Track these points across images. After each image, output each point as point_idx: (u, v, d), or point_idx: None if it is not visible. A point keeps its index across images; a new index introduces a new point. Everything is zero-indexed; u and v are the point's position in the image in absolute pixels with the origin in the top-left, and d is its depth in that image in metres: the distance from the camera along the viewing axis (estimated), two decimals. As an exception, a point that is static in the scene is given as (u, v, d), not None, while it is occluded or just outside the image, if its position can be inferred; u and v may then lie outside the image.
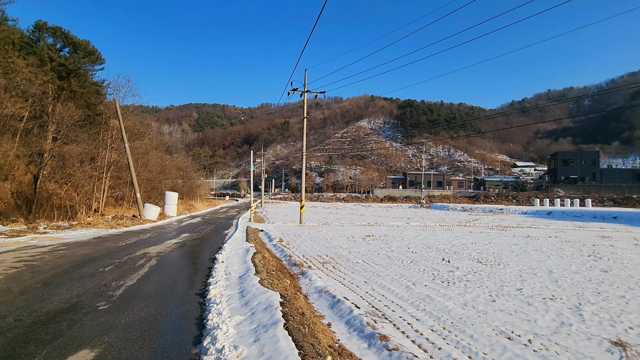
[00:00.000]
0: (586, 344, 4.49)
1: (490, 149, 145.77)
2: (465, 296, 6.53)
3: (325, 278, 7.76)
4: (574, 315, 5.56)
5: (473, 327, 5.03)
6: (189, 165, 47.26)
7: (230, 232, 16.00)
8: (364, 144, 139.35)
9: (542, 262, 9.87)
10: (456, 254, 11.02)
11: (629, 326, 5.11)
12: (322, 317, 5.63)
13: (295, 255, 10.50)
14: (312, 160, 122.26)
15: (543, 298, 6.45)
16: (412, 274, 8.26)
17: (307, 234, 16.01)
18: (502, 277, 8.01)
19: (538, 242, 14.19)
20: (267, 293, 5.33)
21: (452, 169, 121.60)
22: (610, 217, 31.07)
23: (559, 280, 7.84)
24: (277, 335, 3.73)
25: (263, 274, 6.77)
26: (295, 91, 20.01)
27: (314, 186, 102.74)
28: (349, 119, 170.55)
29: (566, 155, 71.57)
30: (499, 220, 27.33)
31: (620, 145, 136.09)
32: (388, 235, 15.78)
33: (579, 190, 60.31)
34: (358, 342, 4.66)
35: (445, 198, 61.84)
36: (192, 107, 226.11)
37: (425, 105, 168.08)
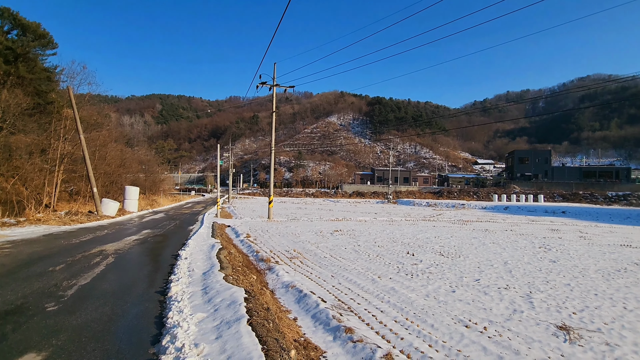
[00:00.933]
0: (535, 329, 4.80)
1: (454, 147, 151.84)
2: (428, 288, 6.76)
3: (292, 273, 7.74)
4: (525, 302, 5.93)
5: (434, 317, 5.21)
6: (151, 159, 45.23)
7: (195, 228, 15.53)
8: (334, 140, 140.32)
9: (499, 254, 10.43)
10: (420, 248, 11.39)
11: (573, 312, 5.52)
12: (289, 311, 5.61)
13: (262, 250, 10.38)
14: (282, 156, 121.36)
15: (498, 288, 6.82)
16: (378, 268, 8.43)
17: (275, 229, 15.89)
18: (462, 269, 8.37)
19: (495, 236, 14.98)
20: (231, 289, 5.21)
21: (418, 165, 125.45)
22: (560, 211, 33.46)
23: (512, 270, 8.32)
24: (241, 332, 3.66)
25: (228, 270, 6.62)
26: (264, 85, 19.66)
27: (283, 181, 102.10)
28: (319, 115, 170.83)
29: (522, 154, 76.07)
30: (460, 215, 28.58)
31: (570, 145, 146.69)
32: (356, 230, 16.00)
33: (532, 186, 64.38)
34: (324, 335, 4.69)
35: (411, 194, 63.75)
36: (155, 97, 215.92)
37: (393, 103, 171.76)
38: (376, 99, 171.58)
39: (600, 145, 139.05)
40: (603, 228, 19.91)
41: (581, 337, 4.55)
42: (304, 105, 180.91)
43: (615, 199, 52.42)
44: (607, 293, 6.56)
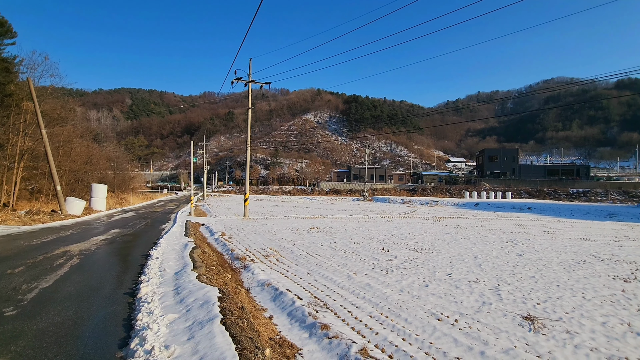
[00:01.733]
0: (502, 320, 5.00)
1: (428, 145, 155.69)
2: (402, 283, 6.89)
3: (268, 271, 7.67)
4: (493, 295, 6.17)
5: (408, 311, 5.32)
6: (121, 156, 43.41)
7: (167, 227, 15.07)
8: (310, 137, 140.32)
9: (469, 249, 10.79)
10: (395, 244, 11.59)
11: (537, 302, 5.80)
12: (264, 310, 5.56)
13: (237, 249, 10.22)
14: (258, 153, 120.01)
15: (469, 281, 7.05)
16: (353, 264, 8.51)
17: (251, 227, 15.70)
18: (434, 264, 8.60)
19: (466, 231, 15.50)
20: (204, 289, 5.09)
21: (393, 163, 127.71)
22: (526, 207, 35.07)
23: (482, 264, 8.63)
24: (214, 332, 3.58)
25: (202, 269, 6.46)
26: (240, 80, 19.32)
27: (259, 179, 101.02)
28: (296, 112, 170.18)
29: (491, 152, 79.07)
30: (434, 212, 29.36)
31: (535, 144, 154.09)
32: (332, 227, 16.08)
33: (501, 184, 67.10)
34: (299, 333, 4.68)
35: (387, 191, 64.84)
36: (124, 91, 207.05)
37: (369, 101, 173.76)
38: (352, 97, 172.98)
39: (562, 145, 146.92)
40: (565, 223, 21.05)
41: (544, 326, 4.79)
42: (280, 102, 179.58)
43: (576, 196, 55.58)
44: (568, 284, 6.94)
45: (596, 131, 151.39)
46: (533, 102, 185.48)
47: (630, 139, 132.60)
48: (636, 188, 61.03)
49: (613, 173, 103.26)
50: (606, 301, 5.90)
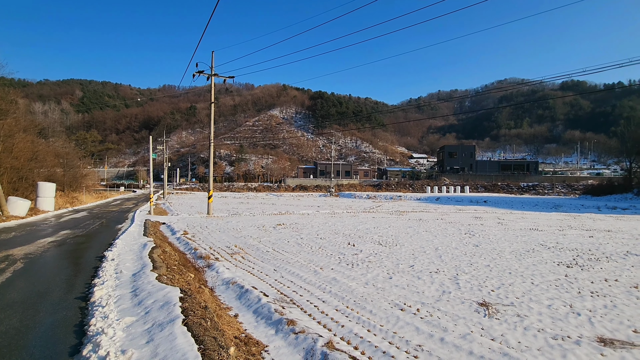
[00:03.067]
0: (460, 307, 5.26)
1: (392, 142, 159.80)
2: (367, 276, 7.04)
3: (233, 269, 7.52)
4: (452, 284, 6.47)
5: (372, 303, 5.44)
6: (71, 152, 40.34)
7: (124, 227, 14.30)
8: (276, 133, 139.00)
9: (430, 241, 11.25)
10: (360, 238, 11.81)
11: (491, 289, 6.17)
12: (229, 308, 5.45)
13: (201, 247, 9.93)
14: (222, 149, 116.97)
15: (430, 272, 7.35)
16: (320, 259, 8.56)
17: (216, 225, 15.30)
18: (398, 257, 8.86)
19: (428, 224, 16.13)
20: (165, 289, 4.89)
21: (358, 159, 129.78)
22: (482, 201, 37.12)
23: (442, 255, 9.02)
24: (175, 333, 3.45)
25: (162, 270, 6.20)
26: (201, 74, 18.65)
27: (224, 176, 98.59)
28: (261, 107, 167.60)
29: (451, 149, 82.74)
30: (398, 206, 30.26)
31: (491, 140, 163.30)
32: (299, 223, 16.07)
33: (460, 178, 70.51)
34: (265, 330, 4.64)
35: (353, 187, 65.86)
36: (74, 83, 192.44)
37: (335, 98, 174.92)
38: (318, 93, 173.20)
39: (515, 142, 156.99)
40: (516, 214, 22.54)
41: (498, 311, 5.10)
42: (245, 97, 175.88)
43: (526, 189, 59.68)
44: (519, 271, 7.44)
45: (544, 129, 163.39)
46: (489, 101, 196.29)
47: (573, 137, 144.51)
48: (578, 181, 66.62)
49: (558, 168, 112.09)
50: (551, 285, 6.40)
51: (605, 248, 10.19)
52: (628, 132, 55.33)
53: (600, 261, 8.43)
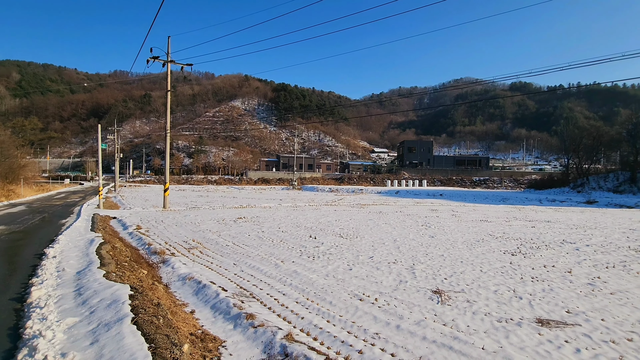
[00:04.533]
0: (416, 295, 5.48)
1: (354, 136, 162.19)
2: (328, 268, 7.10)
3: (190, 264, 7.26)
4: (409, 274, 6.72)
5: (332, 295, 5.51)
6: (7, 140, 36.50)
7: (69, 222, 13.25)
8: (238, 125, 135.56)
9: (389, 233, 11.59)
10: (322, 231, 11.90)
11: (445, 278, 6.48)
12: (185, 305, 5.26)
13: (156, 242, 9.46)
14: (180, 140, 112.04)
15: (388, 262, 7.57)
16: (281, 252, 8.51)
17: (172, 219, 14.66)
18: (358, 248, 9.04)
19: (387, 217, 16.61)
20: (113, 287, 4.59)
21: (321, 153, 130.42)
22: (438, 194, 38.92)
23: (400, 247, 9.34)
24: (123, 332, 3.24)
25: (111, 267, 5.82)
26: (156, 59, 17.61)
27: (182, 168, 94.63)
28: (222, 98, 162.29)
29: (410, 144, 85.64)
30: (359, 200, 30.85)
31: (447, 137, 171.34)
32: (260, 217, 15.85)
33: (418, 173, 73.31)
34: (224, 325, 4.53)
35: (315, 180, 66.14)
36: (10, 64, 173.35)
37: (298, 91, 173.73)
38: (281, 85, 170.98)
39: (468, 138, 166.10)
40: (469, 207, 23.90)
41: (450, 298, 5.37)
42: (204, 87, 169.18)
43: (478, 183, 63.47)
44: (470, 260, 7.89)
45: (495, 127, 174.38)
46: (445, 99, 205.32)
47: (520, 134, 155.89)
48: (523, 176, 71.95)
49: (507, 163, 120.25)
50: (498, 272, 6.86)
51: (544, 237, 11.10)
52: (566, 131, 60.49)
53: (541, 249, 9.17)
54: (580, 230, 12.86)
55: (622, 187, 41.52)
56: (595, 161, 50.69)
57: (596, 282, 6.30)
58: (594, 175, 47.26)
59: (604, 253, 8.79)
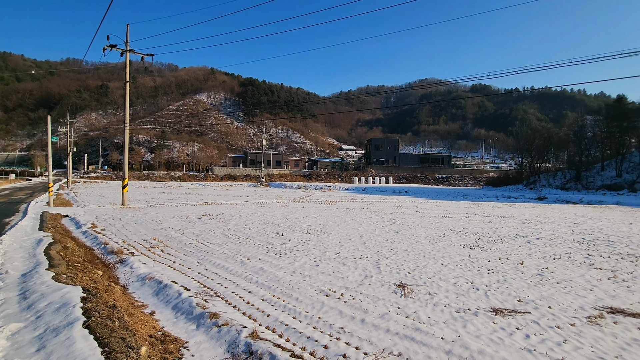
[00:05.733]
0: (381, 289, 5.61)
1: (322, 133, 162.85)
2: (295, 264, 7.09)
3: (151, 264, 6.96)
4: (374, 268, 6.86)
5: (299, 291, 5.50)
6: (-60, 130, 32.98)
7: (14, 221, 12.23)
8: (203, 120, 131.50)
9: (356, 229, 11.77)
10: (289, 228, 11.85)
11: (408, 271, 6.69)
12: (145, 306, 5.04)
13: (113, 241, 8.97)
14: (141, 134, 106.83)
15: (354, 258, 7.69)
16: (247, 250, 8.37)
17: (131, 216, 13.96)
18: (325, 245, 9.09)
19: (354, 213, 16.86)
20: (63, 289, 4.29)
21: (290, 149, 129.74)
22: (404, 191, 40.06)
23: (366, 242, 9.51)
24: (73, 337, 3.04)
25: (61, 268, 5.43)
26: (114, 48, 16.63)
27: (143, 163, 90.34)
28: (186, 91, 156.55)
29: (377, 142, 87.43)
30: (327, 196, 31.06)
31: (412, 135, 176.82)
32: (226, 214, 15.50)
33: (385, 170, 75.04)
34: (186, 325, 4.39)
35: (283, 177, 65.72)
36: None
37: (266, 86, 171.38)
38: (249, 80, 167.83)
39: (432, 137, 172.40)
40: (432, 203, 24.82)
41: (412, 291, 5.55)
42: (168, 79, 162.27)
43: (441, 180, 66.06)
44: (432, 254, 8.20)
45: (456, 126, 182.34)
46: (411, 99, 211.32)
47: (479, 134, 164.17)
48: (482, 174, 75.78)
49: (467, 162, 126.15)
50: (457, 265, 7.18)
51: (500, 231, 11.78)
52: (521, 132, 64.39)
53: (496, 243, 9.72)
54: (531, 224, 13.78)
55: (568, 184, 44.94)
56: (546, 160, 54.50)
57: (544, 272, 6.77)
58: (544, 174, 50.77)
59: (552, 245, 9.48)
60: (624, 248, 9.27)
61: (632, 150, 46.11)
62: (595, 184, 42.25)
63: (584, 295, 5.46)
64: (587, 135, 48.89)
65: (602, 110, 55.01)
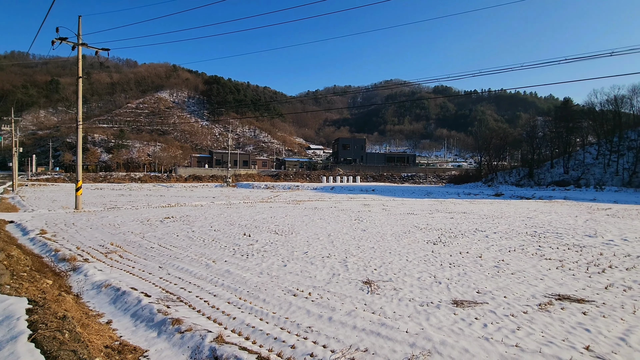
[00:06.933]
0: (348, 287, 5.67)
1: (290, 132, 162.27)
2: (262, 265, 6.99)
3: (108, 270, 6.58)
4: (342, 266, 6.93)
5: (266, 292, 5.43)
6: None
7: (-50, 228, 11.08)
8: (166, 118, 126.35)
9: (324, 228, 11.82)
10: (257, 228, 11.67)
11: (374, 268, 6.82)
12: (100, 315, 4.76)
13: (65, 248, 8.39)
14: (97, 133, 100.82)
15: (322, 257, 7.71)
16: (213, 252, 8.15)
17: (86, 221, 13.13)
18: (293, 244, 9.05)
19: (322, 212, 16.93)
20: (6, 302, 3.93)
21: (257, 149, 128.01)
22: (371, 189, 40.82)
23: (334, 241, 9.58)
24: (17, 352, 2.79)
25: (4, 278, 4.98)
26: (64, 41, 15.53)
27: (99, 164, 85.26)
28: (146, 88, 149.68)
29: (345, 141, 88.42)
30: (295, 196, 30.95)
31: (379, 135, 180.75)
32: (190, 216, 15.00)
33: (352, 169, 76.06)
34: (146, 333, 4.20)
35: (251, 177, 64.72)
36: None
37: (232, 84, 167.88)
38: (214, 78, 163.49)
39: (398, 136, 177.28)
40: (398, 201, 25.49)
41: (379, 287, 5.66)
42: (126, 75, 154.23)
43: (406, 179, 68.00)
44: (397, 250, 8.41)
45: (420, 126, 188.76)
46: (377, 99, 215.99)
47: (442, 134, 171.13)
48: (445, 172, 78.93)
49: (431, 160, 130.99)
50: (421, 261, 7.42)
51: (461, 227, 12.32)
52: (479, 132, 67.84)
53: (457, 238, 10.15)
54: (489, 219, 14.54)
55: (522, 181, 47.94)
56: (502, 158, 57.83)
57: (501, 264, 7.17)
58: (501, 171, 53.81)
59: (508, 239, 10.06)
60: (570, 239, 10.03)
61: (577, 149, 50.13)
62: (546, 180, 45.46)
63: (535, 285, 5.84)
64: (538, 135, 52.51)
65: (551, 112, 59.37)
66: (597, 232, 11.21)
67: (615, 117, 46.41)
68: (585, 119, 50.57)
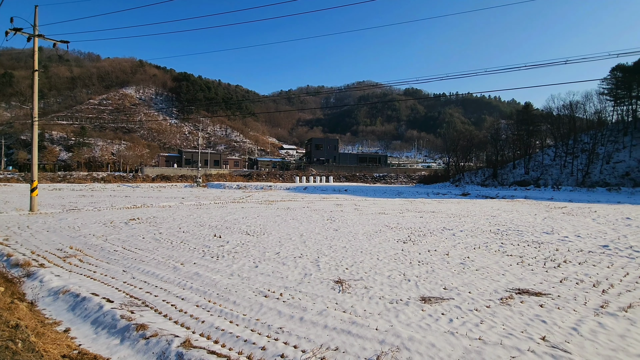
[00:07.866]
0: (320, 287, 5.69)
1: (263, 132, 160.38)
2: (233, 267, 6.87)
3: (66, 275, 6.22)
4: (314, 267, 6.94)
5: (237, 294, 5.34)
6: None
7: None
8: (131, 116, 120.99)
9: (296, 228, 11.80)
10: (228, 229, 11.46)
11: (346, 268, 6.89)
12: (58, 323, 4.49)
13: (18, 253, 7.84)
14: (56, 130, 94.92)
15: (294, 257, 7.69)
16: (181, 254, 7.91)
17: (43, 223, 12.33)
18: (265, 245, 8.97)
19: (295, 213, 16.89)
20: (-52, 312, 3.63)
21: (229, 148, 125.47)
22: (343, 189, 41.18)
23: (307, 241, 9.58)
24: (-39, 368, 2.58)
25: (-53, 287, 4.59)
26: (19, 32, 14.50)
27: (57, 163, 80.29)
28: (110, 84, 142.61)
29: (318, 141, 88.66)
30: (267, 196, 30.66)
31: (351, 135, 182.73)
32: (157, 217, 14.47)
33: (325, 169, 76.42)
34: (108, 340, 4.02)
35: (222, 177, 63.38)
36: None
37: (203, 82, 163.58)
38: (183, 74, 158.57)
39: (370, 137, 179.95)
40: (370, 201, 25.89)
41: (350, 286, 5.73)
42: (88, 70, 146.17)
43: (378, 179, 69.21)
44: (368, 249, 8.54)
45: (392, 127, 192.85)
46: (350, 100, 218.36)
47: (412, 135, 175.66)
48: (415, 173, 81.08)
49: (402, 161, 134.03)
50: (392, 259, 7.58)
51: (430, 226, 12.71)
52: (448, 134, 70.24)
53: (426, 236, 10.46)
54: (456, 218, 15.10)
55: (487, 181, 50.15)
56: (469, 159, 60.27)
57: (466, 261, 7.46)
58: (468, 172, 56.04)
59: (473, 237, 10.49)
60: (530, 236, 10.62)
61: (537, 151, 53.19)
62: (509, 180, 47.85)
63: (497, 280, 6.13)
64: (501, 138, 55.20)
65: (513, 116, 62.49)
66: (553, 229, 11.94)
67: (570, 121, 49.69)
68: (544, 122, 53.82)
